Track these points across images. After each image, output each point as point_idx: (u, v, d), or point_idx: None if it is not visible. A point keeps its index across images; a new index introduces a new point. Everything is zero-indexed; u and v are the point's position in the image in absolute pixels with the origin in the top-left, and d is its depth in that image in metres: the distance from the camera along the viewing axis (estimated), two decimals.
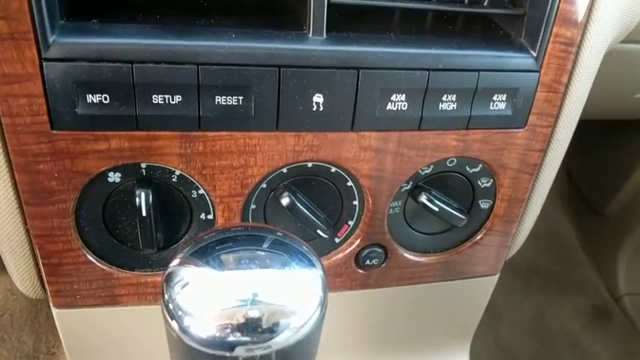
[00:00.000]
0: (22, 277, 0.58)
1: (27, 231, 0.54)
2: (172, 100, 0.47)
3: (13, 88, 0.45)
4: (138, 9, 0.49)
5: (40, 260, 0.55)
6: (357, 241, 0.61)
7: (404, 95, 0.52)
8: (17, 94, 0.45)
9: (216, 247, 0.36)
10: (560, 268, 2.00)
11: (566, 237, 2.10)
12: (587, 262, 2.01)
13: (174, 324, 0.32)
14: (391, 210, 0.61)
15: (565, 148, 0.64)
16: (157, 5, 0.50)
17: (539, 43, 0.54)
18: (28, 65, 0.44)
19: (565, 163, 2.10)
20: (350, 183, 0.58)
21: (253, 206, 0.57)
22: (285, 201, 0.55)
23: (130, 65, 0.45)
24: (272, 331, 0.31)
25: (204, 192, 0.54)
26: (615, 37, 0.63)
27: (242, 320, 0.31)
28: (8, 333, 1.35)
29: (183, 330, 0.31)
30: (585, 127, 1.71)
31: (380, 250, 0.62)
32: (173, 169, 0.52)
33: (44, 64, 0.44)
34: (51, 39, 0.44)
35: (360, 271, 0.64)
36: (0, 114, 0.46)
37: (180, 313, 0.32)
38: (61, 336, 0.62)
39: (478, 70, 0.53)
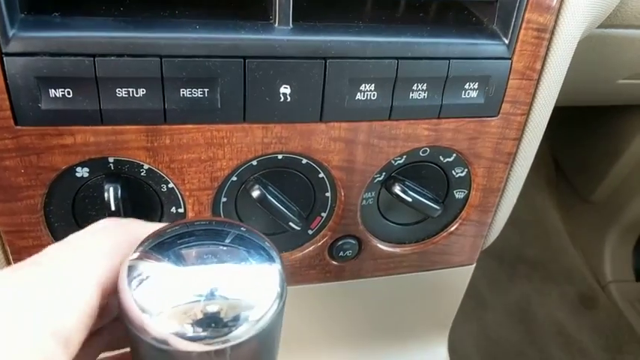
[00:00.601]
0: None
1: None
2: (136, 93, 0.47)
3: None
4: (101, 2, 0.48)
5: (10, 256, 0.55)
6: (330, 233, 0.61)
7: (373, 85, 0.52)
8: None
9: (177, 242, 0.35)
10: (547, 255, 2.01)
11: (552, 224, 2.11)
12: (573, 249, 2.02)
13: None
14: (364, 201, 0.61)
15: (540, 136, 0.64)
16: None
17: (511, 30, 0.53)
18: None
19: (551, 149, 2.09)
20: (321, 175, 0.57)
21: (224, 199, 0.56)
22: (255, 194, 0.55)
23: (92, 58, 0.45)
24: (229, 325, 0.31)
25: (173, 186, 0.53)
26: (591, 22, 0.63)
27: (199, 315, 0.31)
28: None
29: (137, 326, 0.31)
30: (571, 113, 1.71)
31: (354, 242, 0.62)
32: (141, 163, 0.51)
33: (4, 58, 0.44)
34: (10, 33, 0.43)
35: (334, 262, 0.64)
36: None
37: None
38: None
39: (449, 58, 0.52)
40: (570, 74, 0.71)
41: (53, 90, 0.45)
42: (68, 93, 0.46)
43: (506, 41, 0.54)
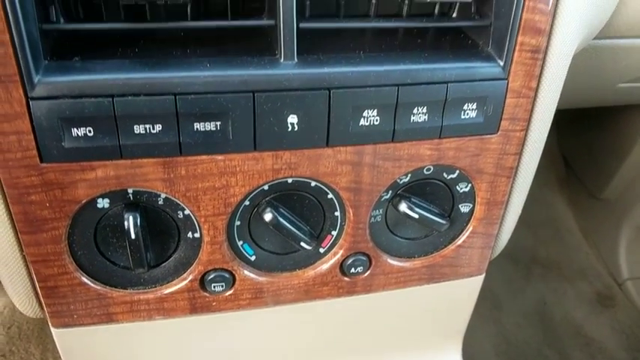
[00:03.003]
0: (21, 300, 0.61)
1: (24, 257, 0.56)
2: (153, 129, 0.50)
3: (2, 127, 0.48)
4: (118, 43, 0.52)
5: (37, 284, 0.58)
6: (341, 251, 0.64)
7: (375, 110, 0.54)
8: (7, 131, 0.48)
9: None
10: (561, 255, 2.01)
11: (565, 223, 2.10)
12: (587, 247, 2.01)
13: None
14: (372, 219, 0.63)
15: (541, 149, 0.66)
16: (136, 38, 0.52)
17: (505, 52, 0.56)
18: (15, 105, 0.47)
19: (560, 148, 2.09)
20: (330, 195, 0.60)
21: (238, 223, 0.59)
22: (267, 217, 0.58)
23: (111, 99, 0.48)
24: None
25: (189, 212, 0.56)
26: (583, 39, 0.65)
27: None
28: (16, 345, 1.38)
29: None
30: (579, 112, 1.72)
31: (364, 258, 0.65)
32: (159, 192, 0.55)
33: (31, 102, 0.47)
34: (36, 79, 0.46)
35: (346, 278, 0.66)
36: None
37: None
38: (61, 354, 0.65)
39: (446, 82, 0.55)
40: (571, 81, 0.72)
41: (75, 129, 0.49)
42: (89, 131, 0.49)
43: (501, 63, 0.56)
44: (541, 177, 2.21)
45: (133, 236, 0.54)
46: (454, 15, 0.60)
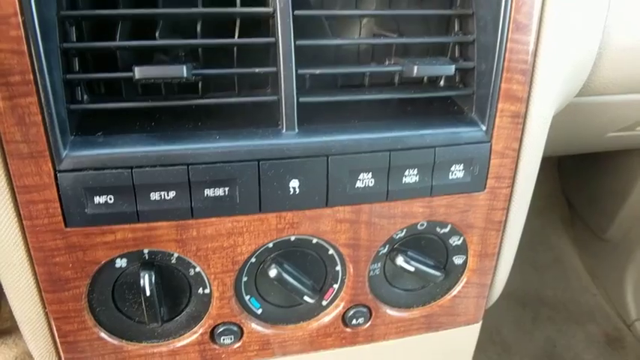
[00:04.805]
0: (42, 354, 0.65)
1: (46, 314, 0.61)
2: (167, 195, 0.55)
3: (32, 197, 0.53)
4: (136, 115, 0.57)
5: (57, 339, 0.62)
6: (343, 303, 0.68)
7: (370, 173, 0.59)
8: (36, 200, 0.53)
9: None
10: (568, 295, 2.01)
11: (571, 264, 2.11)
12: (594, 288, 2.01)
13: None
14: (371, 272, 0.67)
15: (527, 203, 0.70)
16: (152, 109, 0.58)
17: (487, 118, 0.61)
18: (45, 177, 0.52)
19: (563, 189, 2.10)
20: (331, 251, 0.64)
21: (245, 279, 0.63)
22: (272, 273, 0.62)
23: (130, 170, 0.53)
24: None
25: (200, 270, 0.61)
26: (561, 101, 0.70)
27: None
28: None
29: None
30: (580, 153, 1.75)
31: (365, 310, 0.69)
32: (172, 252, 0.59)
33: (58, 175, 0.52)
34: (63, 154, 0.52)
35: (348, 329, 0.70)
36: (22, 218, 0.54)
37: None
38: None
39: (434, 147, 0.60)
40: (561, 132, 0.77)
41: (97, 197, 0.54)
42: (110, 199, 0.54)
43: (484, 128, 0.61)
44: (545, 219, 2.24)
45: (148, 293, 0.58)
46: (441, 83, 0.66)
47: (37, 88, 0.50)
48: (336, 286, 0.67)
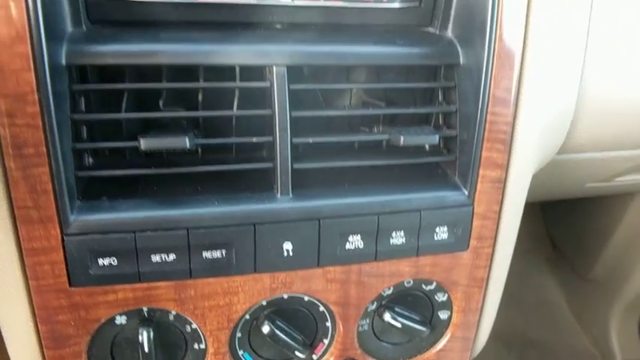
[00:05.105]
0: None
1: None
2: (167, 257, 0.58)
3: (40, 259, 0.56)
4: (139, 180, 0.61)
5: None
6: (332, 358, 0.70)
7: (359, 236, 0.63)
8: (42, 262, 0.56)
9: None
10: (554, 337, 2.02)
11: (556, 304, 2.13)
12: (580, 329, 2.04)
13: None
14: (360, 327, 0.70)
15: (508, 261, 0.74)
16: (154, 177, 0.61)
17: (469, 183, 0.65)
18: (52, 240, 0.55)
19: (547, 229, 2.13)
20: (322, 308, 0.67)
21: (239, 335, 0.66)
22: (265, 330, 0.65)
23: (133, 234, 0.56)
24: None
25: (196, 327, 0.63)
26: (539, 163, 0.75)
27: None
28: None
29: None
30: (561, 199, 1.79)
31: None
32: (170, 310, 0.62)
33: (65, 238, 0.55)
34: (71, 219, 0.55)
35: None
36: (29, 278, 0.57)
37: None
38: None
39: (420, 210, 0.64)
40: (543, 183, 0.81)
41: (101, 259, 0.57)
42: (113, 261, 0.57)
43: (467, 192, 0.65)
44: (530, 259, 2.27)
45: (146, 350, 0.61)
46: (427, 147, 0.70)
47: (49, 158, 0.53)
48: (326, 341, 0.70)
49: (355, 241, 0.63)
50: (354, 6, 0.64)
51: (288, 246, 0.61)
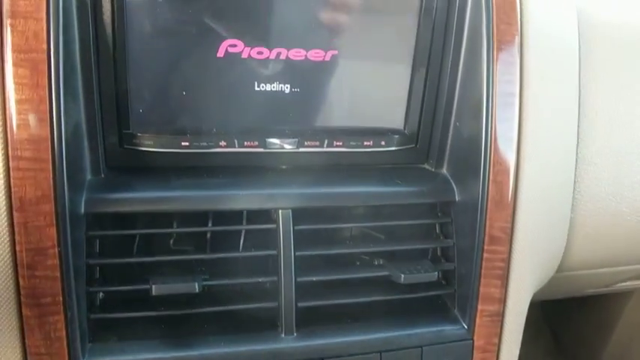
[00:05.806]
0: None
1: None
2: None
3: None
4: (147, 318, 0.63)
5: None
6: None
7: None
8: None
9: None
10: None
11: None
12: None
13: None
14: None
15: None
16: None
17: (468, 317, 0.67)
18: None
19: (548, 322, 2.08)
20: None
21: None
22: None
23: None
24: None
25: None
26: (535, 288, 0.77)
27: None
28: None
29: None
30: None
31: None
32: None
33: None
34: None
35: None
36: None
37: None
38: None
39: (421, 346, 0.65)
40: (539, 292, 0.82)
41: None
42: None
43: (466, 326, 0.67)
44: (529, 350, 2.22)
45: None
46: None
47: (64, 306, 0.55)
48: None
49: None
50: (355, 151, 0.68)
51: None
